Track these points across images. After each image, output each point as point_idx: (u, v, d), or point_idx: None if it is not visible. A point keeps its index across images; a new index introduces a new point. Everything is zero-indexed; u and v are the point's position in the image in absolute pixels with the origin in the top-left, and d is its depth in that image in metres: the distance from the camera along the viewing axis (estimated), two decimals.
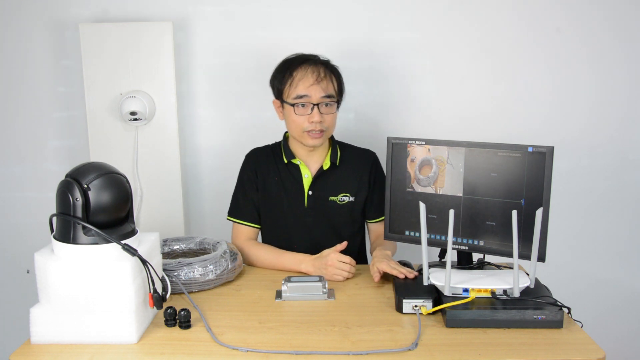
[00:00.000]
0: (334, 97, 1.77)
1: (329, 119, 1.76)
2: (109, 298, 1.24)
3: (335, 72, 1.81)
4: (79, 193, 1.24)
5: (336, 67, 1.83)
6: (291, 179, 1.84)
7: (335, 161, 1.84)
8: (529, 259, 1.37)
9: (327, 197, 1.83)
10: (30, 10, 2.22)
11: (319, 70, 1.75)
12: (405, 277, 1.52)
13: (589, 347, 1.23)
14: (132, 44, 2.10)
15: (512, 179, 1.47)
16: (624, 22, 2.19)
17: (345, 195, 1.83)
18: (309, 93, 1.73)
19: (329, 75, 1.77)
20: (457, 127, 2.26)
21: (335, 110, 1.79)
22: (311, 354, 1.20)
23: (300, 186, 1.83)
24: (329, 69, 1.79)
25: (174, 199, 2.21)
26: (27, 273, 2.38)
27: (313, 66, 1.76)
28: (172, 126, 2.16)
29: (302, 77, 1.74)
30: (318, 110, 1.73)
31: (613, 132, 2.27)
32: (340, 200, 1.82)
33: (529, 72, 2.23)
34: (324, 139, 1.79)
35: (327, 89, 1.75)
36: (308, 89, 1.73)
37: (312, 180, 1.83)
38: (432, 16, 2.20)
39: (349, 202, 1.83)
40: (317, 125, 1.74)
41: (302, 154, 1.85)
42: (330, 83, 1.77)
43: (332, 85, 1.77)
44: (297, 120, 1.75)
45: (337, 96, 1.79)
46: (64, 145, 2.32)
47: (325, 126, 1.76)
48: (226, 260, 1.60)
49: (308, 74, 1.74)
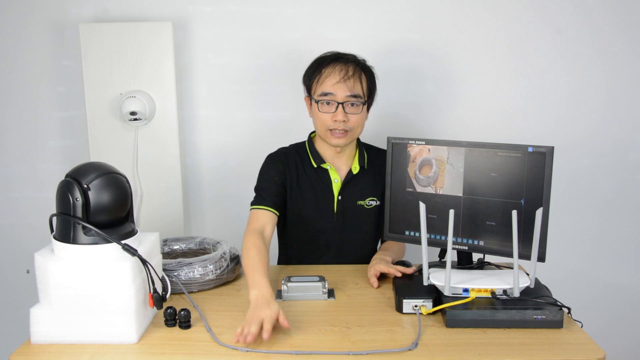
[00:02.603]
0: (361, 98, 1.70)
1: (354, 119, 1.70)
2: (109, 298, 1.24)
3: (368, 72, 1.75)
4: (79, 193, 1.24)
5: (370, 67, 1.77)
6: (321, 183, 1.79)
7: (364, 164, 1.80)
8: (529, 259, 1.37)
9: (356, 202, 1.79)
10: (30, 10, 2.22)
11: (348, 69, 1.70)
12: (403, 274, 1.52)
13: (589, 347, 1.23)
14: (132, 44, 2.10)
15: (512, 179, 1.47)
16: (628, 22, 2.19)
17: (373, 199, 1.80)
18: (333, 91, 1.68)
19: (357, 75, 1.71)
20: (457, 127, 2.26)
21: (362, 111, 1.72)
22: (311, 354, 1.20)
23: (329, 191, 1.79)
24: (359, 68, 1.73)
25: (174, 199, 2.21)
26: (27, 273, 2.38)
27: (342, 64, 1.70)
28: (172, 126, 2.16)
29: (329, 74, 1.70)
30: (343, 109, 1.69)
31: (613, 132, 2.27)
32: (367, 205, 1.79)
33: (529, 72, 2.23)
34: (349, 139, 1.73)
35: (353, 89, 1.69)
36: (333, 86, 1.69)
37: (341, 185, 1.79)
38: (432, 16, 2.20)
39: (376, 206, 1.80)
40: (340, 124, 1.69)
41: (330, 156, 1.80)
42: (358, 83, 1.70)
43: (360, 86, 1.71)
44: (322, 118, 1.71)
45: (366, 97, 1.73)
46: (64, 145, 2.32)
47: (350, 126, 1.70)
48: (226, 260, 1.60)
49: (335, 72, 1.70)
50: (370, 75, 1.76)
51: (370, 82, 1.75)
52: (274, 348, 1.23)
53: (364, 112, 1.74)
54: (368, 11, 2.20)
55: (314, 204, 1.79)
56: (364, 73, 1.74)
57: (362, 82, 1.72)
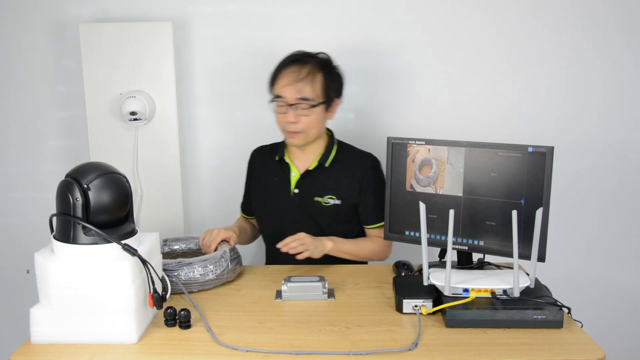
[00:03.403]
0: (312, 100, 1.71)
1: (305, 120, 1.72)
2: (109, 298, 1.24)
3: (328, 72, 1.76)
4: (79, 193, 1.24)
5: (332, 67, 1.78)
6: (282, 175, 1.85)
7: (325, 162, 1.82)
8: (529, 259, 1.37)
9: (312, 197, 1.82)
10: (30, 10, 2.22)
11: (300, 71, 1.71)
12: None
13: (589, 347, 1.23)
14: (132, 44, 2.10)
15: (512, 179, 1.47)
16: (628, 23, 2.19)
17: (331, 197, 1.81)
18: (283, 93, 1.72)
19: (311, 77, 1.71)
20: (457, 127, 2.26)
21: (313, 114, 1.72)
22: (311, 354, 1.20)
23: (288, 183, 1.84)
24: (317, 69, 1.73)
25: (174, 199, 2.21)
26: (27, 273, 2.38)
27: (297, 66, 1.72)
28: (172, 126, 2.16)
29: (283, 76, 1.73)
30: (294, 112, 1.72)
31: (614, 133, 2.26)
32: (325, 202, 1.81)
33: (529, 72, 2.23)
34: (303, 140, 1.76)
35: (302, 91, 1.70)
36: (283, 89, 1.72)
37: (298, 179, 1.83)
38: (432, 16, 2.20)
39: (334, 205, 1.81)
40: (291, 125, 1.73)
41: (294, 152, 1.85)
42: (309, 85, 1.70)
43: (312, 88, 1.71)
44: (278, 119, 1.77)
45: (320, 98, 1.73)
46: (64, 145, 2.32)
47: (301, 128, 1.73)
48: (226, 260, 1.60)
49: (288, 74, 1.72)
50: (330, 75, 1.76)
51: (328, 83, 1.74)
52: (274, 348, 1.23)
53: (317, 114, 1.73)
54: (368, 11, 2.20)
55: (274, 194, 1.86)
56: (321, 73, 1.73)
57: (314, 84, 1.71)
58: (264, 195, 1.90)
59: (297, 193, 1.83)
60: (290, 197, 1.83)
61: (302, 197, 1.82)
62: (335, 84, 1.78)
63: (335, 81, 1.78)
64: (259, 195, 1.92)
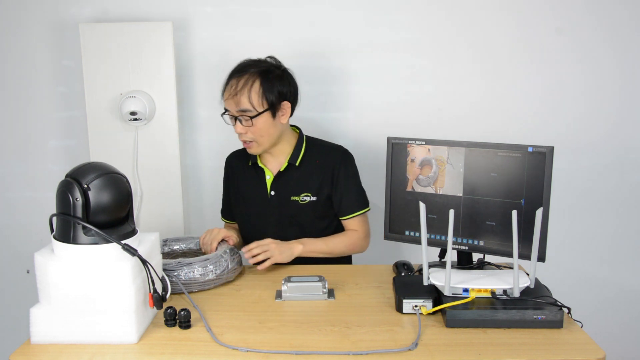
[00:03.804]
0: (251, 111, 1.69)
1: (252, 130, 1.72)
2: (109, 298, 1.24)
3: (265, 79, 1.70)
4: (79, 193, 1.24)
5: (272, 73, 1.72)
6: (257, 180, 1.86)
7: (295, 162, 1.82)
8: (529, 259, 1.37)
9: (289, 197, 1.82)
10: (30, 10, 2.22)
11: (237, 84, 1.70)
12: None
13: (589, 347, 1.23)
14: (132, 44, 2.10)
15: (512, 179, 1.47)
16: (628, 23, 2.19)
17: (307, 195, 1.82)
18: (227, 107, 1.74)
19: (247, 88, 1.69)
20: (457, 127, 2.26)
21: (256, 124, 1.70)
22: (311, 354, 1.20)
23: (264, 187, 1.85)
24: (253, 78, 1.70)
25: (174, 199, 2.21)
26: (27, 273, 2.38)
27: (235, 79, 1.72)
28: (172, 126, 2.16)
29: (226, 90, 1.75)
30: (240, 123, 1.72)
31: (614, 132, 2.27)
32: (302, 200, 1.81)
33: (529, 72, 2.23)
34: (260, 148, 1.77)
35: (239, 104, 1.70)
36: (226, 102, 1.74)
37: (272, 181, 1.84)
38: (431, 16, 2.20)
39: (310, 202, 1.82)
40: (242, 136, 1.75)
41: (264, 156, 1.86)
42: (246, 97, 1.69)
43: (248, 99, 1.69)
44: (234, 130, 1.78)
45: (260, 107, 1.69)
46: (64, 145, 2.32)
47: (251, 137, 1.73)
48: (226, 260, 1.60)
49: (228, 88, 1.73)
50: (268, 82, 1.71)
51: (267, 90, 1.70)
52: (274, 348, 1.23)
53: (262, 122, 1.71)
54: (368, 11, 2.20)
55: (252, 199, 1.86)
56: (259, 82, 1.70)
57: (251, 95, 1.69)
58: (244, 200, 1.90)
59: (273, 195, 1.84)
60: (268, 199, 1.84)
61: (279, 198, 1.83)
62: (278, 89, 1.72)
63: (277, 86, 1.72)
64: (239, 200, 1.92)
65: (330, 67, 2.20)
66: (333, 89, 2.24)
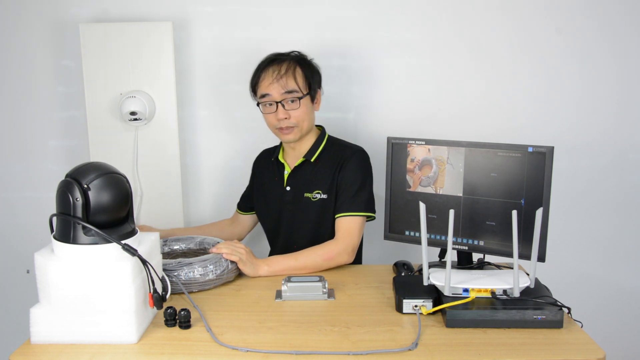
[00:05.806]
0: (298, 92, 1.77)
1: (296, 114, 1.78)
2: (109, 298, 1.24)
3: (304, 65, 1.82)
4: (79, 193, 1.24)
5: (307, 60, 1.84)
6: (277, 174, 1.91)
7: (311, 158, 1.84)
8: (529, 259, 1.37)
9: (303, 194, 1.84)
10: (30, 10, 2.22)
11: (280, 68, 1.78)
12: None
13: (589, 347, 1.23)
14: (132, 44, 2.10)
15: (512, 179, 1.47)
16: (628, 23, 2.19)
17: (318, 192, 1.82)
18: (269, 92, 1.77)
19: (291, 71, 1.78)
20: (457, 127, 2.26)
21: (301, 105, 1.78)
22: (311, 354, 1.20)
23: (282, 181, 1.89)
24: (294, 63, 1.80)
25: (174, 199, 2.21)
26: (27, 273, 2.38)
27: (276, 65, 1.79)
28: (172, 126, 2.16)
29: (264, 77, 1.79)
30: (283, 108, 1.76)
31: (614, 132, 2.26)
32: (313, 197, 1.83)
33: (529, 72, 2.23)
34: (298, 134, 1.81)
35: (287, 85, 1.76)
36: (268, 87, 1.77)
37: (288, 176, 1.87)
38: (431, 16, 2.20)
39: (321, 200, 1.82)
40: (284, 122, 1.77)
41: (287, 151, 1.92)
42: (292, 79, 1.77)
43: (295, 81, 1.77)
44: (268, 119, 1.82)
45: (304, 90, 1.79)
46: (64, 145, 2.32)
47: (294, 122, 1.78)
48: (226, 261, 1.60)
49: (269, 73, 1.78)
50: (308, 68, 1.82)
51: (309, 75, 1.81)
52: (274, 348, 1.23)
53: (305, 106, 1.79)
54: (368, 11, 2.20)
55: (272, 195, 1.91)
56: (300, 67, 1.80)
57: (296, 77, 1.78)
58: (264, 194, 1.95)
59: (289, 190, 1.86)
60: (284, 194, 1.87)
61: (294, 194, 1.86)
62: (315, 76, 1.84)
63: (314, 73, 1.84)
64: (260, 195, 1.97)
65: (330, 67, 2.20)
66: (333, 89, 2.24)
